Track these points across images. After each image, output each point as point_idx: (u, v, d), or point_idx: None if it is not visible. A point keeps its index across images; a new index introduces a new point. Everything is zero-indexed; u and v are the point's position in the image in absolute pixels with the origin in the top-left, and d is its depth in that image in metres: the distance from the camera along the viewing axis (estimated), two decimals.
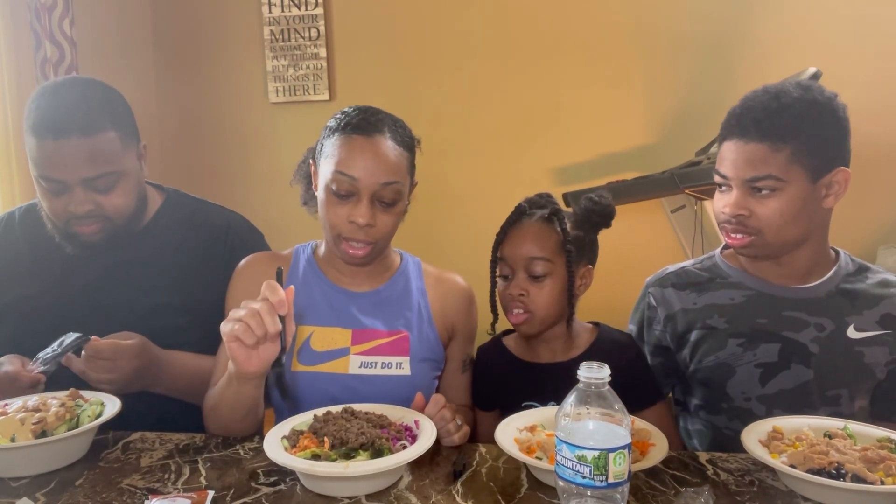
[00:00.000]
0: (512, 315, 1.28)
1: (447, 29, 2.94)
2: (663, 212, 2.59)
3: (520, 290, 1.25)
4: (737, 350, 1.24)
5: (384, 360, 1.27)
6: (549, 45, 2.87)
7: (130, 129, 1.38)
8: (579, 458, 0.82)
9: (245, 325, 1.02)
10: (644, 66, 2.81)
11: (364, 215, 1.20)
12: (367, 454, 0.97)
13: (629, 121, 2.84)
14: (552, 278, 1.25)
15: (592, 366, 0.85)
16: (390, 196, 1.22)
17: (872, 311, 1.23)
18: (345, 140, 1.22)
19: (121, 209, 1.35)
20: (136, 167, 1.39)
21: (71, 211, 1.30)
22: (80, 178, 1.28)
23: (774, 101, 1.17)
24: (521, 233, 1.27)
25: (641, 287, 1.41)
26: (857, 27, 2.62)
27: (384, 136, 1.23)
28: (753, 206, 1.18)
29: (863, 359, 1.21)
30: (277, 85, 3.05)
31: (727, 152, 1.21)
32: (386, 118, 1.27)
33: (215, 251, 1.46)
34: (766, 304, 1.25)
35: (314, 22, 3.01)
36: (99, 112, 1.30)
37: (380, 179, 1.20)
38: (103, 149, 1.29)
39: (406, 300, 1.33)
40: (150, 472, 1.04)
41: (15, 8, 2.33)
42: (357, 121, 1.23)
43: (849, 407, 1.22)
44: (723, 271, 1.32)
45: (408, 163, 1.27)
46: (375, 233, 1.23)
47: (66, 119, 1.26)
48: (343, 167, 1.20)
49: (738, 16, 2.72)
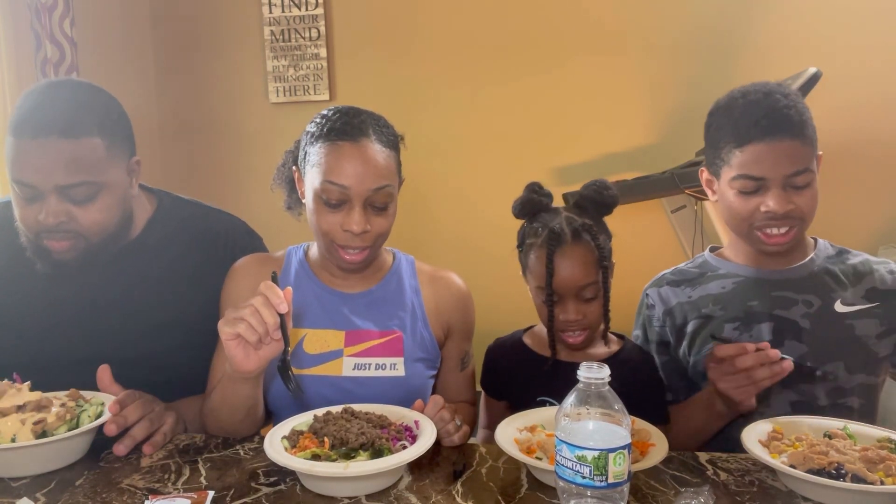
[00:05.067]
0: (571, 337, 1.27)
1: (447, 29, 2.94)
2: (663, 212, 2.59)
3: (577, 316, 1.25)
4: (733, 333, 1.29)
5: (378, 361, 1.26)
6: (550, 45, 2.87)
7: (122, 139, 1.26)
8: (579, 458, 0.82)
9: (246, 322, 1.02)
10: (644, 67, 2.81)
11: (359, 223, 1.19)
12: (367, 454, 0.97)
13: (629, 121, 2.84)
14: (599, 296, 1.27)
15: (592, 366, 0.85)
16: (382, 200, 1.21)
17: (857, 287, 1.28)
18: (330, 148, 1.20)
19: (97, 226, 1.22)
20: (123, 182, 1.26)
21: (41, 221, 1.18)
22: (53, 185, 1.16)
23: (784, 98, 1.21)
24: (564, 262, 1.25)
25: (641, 287, 1.43)
26: (857, 27, 2.62)
27: (370, 140, 1.20)
28: (794, 199, 1.22)
29: (854, 331, 1.25)
30: (278, 85, 3.06)
31: (758, 154, 1.20)
32: (368, 119, 1.24)
33: (213, 261, 1.36)
34: (755, 288, 1.30)
35: (314, 22, 3.01)
36: (85, 115, 1.19)
37: (371, 185, 1.19)
38: (84, 155, 1.17)
39: (399, 300, 1.32)
40: (150, 472, 1.04)
41: (15, 8, 2.33)
42: (340, 125, 1.21)
43: (847, 381, 1.24)
44: (712, 266, 1.37)
45: (395, 163, 1.25)
46: (371, 237, 1.22)
47: (46, 118, 1.15)
48: (332, 176, 1.18)
49: (739, 16, 2.72)
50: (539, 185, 1.33)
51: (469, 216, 2.90)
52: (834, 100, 2.51)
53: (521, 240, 1.33)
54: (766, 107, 1.21)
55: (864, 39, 2.62)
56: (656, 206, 2.61)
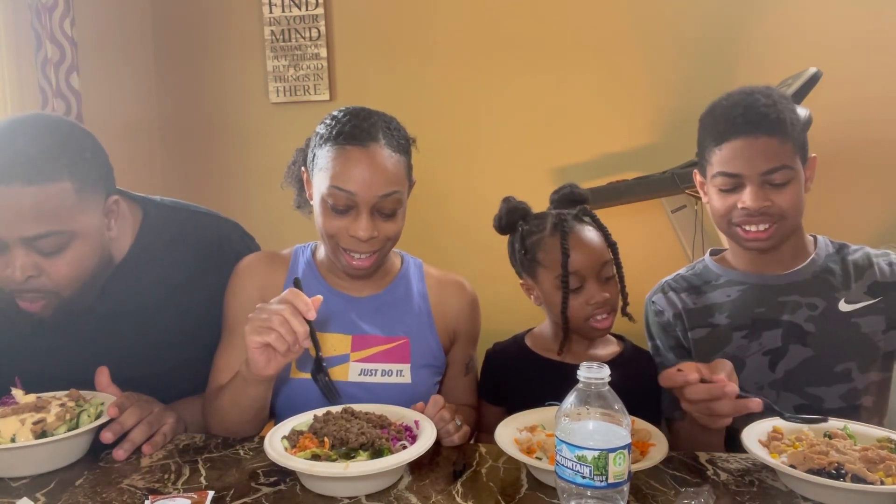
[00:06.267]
0: (598, 321, 1.26)
1: (447, 29, 2.94)
2: (663, 212, 2.59)
3: (603, 296, 1.25)
4: (742, 342, 1.28)
5: (384, 367, 1.25)
6: (550, 45, 2.87)
7: (96, 179, 1.15)
8: (579, 458, 0.82)
9: (276, 333, 1.01)
10: (645, 67, 2.81)
11: (365, 229, 1.17)
12: (367, 454, 0.97)
13: (629, 121, 2.84)
14: (614, 273, 1.29)
15: (592, 366, 0.85)
16: (390, 206, 1.19)
17: (859, 282, 1.27)
18: (338, 152, 1.17)
19: (68, 280, 1.12)
20: (97, 227, 1.15)
21: (9, 276, 1.08)
22: (18, 236, 1.06)
23: (764, 98, 1.23)
24: (580, 242, 1.26)
25: (641, 287, 1.42)
26: (857, 27, 2.62)
27: (379, 145, 1.18)
28: (772, 197, 1.22)
29: (860, 329, 1.25)
30: (278, 85, 3.05)
31: (735, 151, 1.22)
32: (378, 122, 1.21)
33: (208, 267, 1.32)
34: (761, 294, 1.29)
35: (315, 22, 3.01)
36: (53, 157, 1.07)
37: (378, 192, 1.17)
38: (51, 202, 1.07)
39: (407, 305, 1.31)
40: (150, 472, 1.04)
41: (15, 8, 2.33)
42: (349, 128, 1.18)
43: (862, 380, 1.24)
44: (714, 273, 1.36)
45: (405, 167, 1.23)
46: (378, 242, 1.21)
47: (8, 163, 1.05)
48: (339, 182, 1.16)
49: (739, 16, 2.72)
50: (513, 197, 1.36)
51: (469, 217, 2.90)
52: (834, 100, 2.51)
53: (520, 246, 1.32)
54: (744, 105, 1.22)
55: (864, 39, 2.61)
56: (656, 206, 2.61)
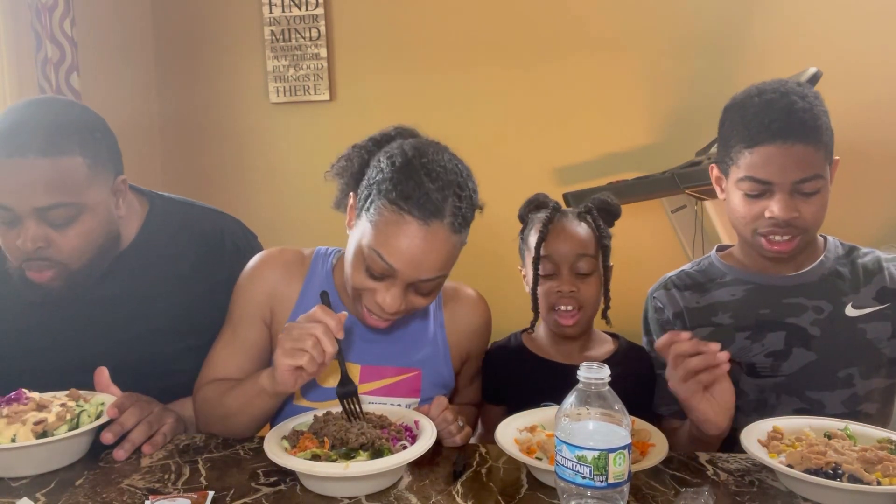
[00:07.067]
0: (561, 315, 1.25)
1: (448, 29, 2.94)
2: (663, 212, 2.59)
3: (570, 287, 1.24)
4: (745, 343, 1.25)
5: (393, 401, 1.20)
6: (550, 45, 2.87)
7: (106, 158, 1.20)
8: (579, 458, 0.82)
9: (309, 355, 0.99)
10: (645, 67, 2.81)
11: (393, 305, 1.07)
12: (367, 454, 0.97)
13: (630, 121, 2.84)
14: (595, 275, 1.26)
15: (592, 366, 0.85)
16: (429, 288, 1.09)
17: (868, 287, 1.24)
18: (395, 217, 1.03)
19: (76, 252, 1.17)
20: (106, 203, 1.21)
21: (19, 247, 1.13)
22: (31, 207, 1.11)
23: (801, 101, 1.17)
24: (564, 231, 1.25)
25: (640, 286, 1.41)
26: (857, 27, 2.62)
27: (443, 224, 1.04)
28: (800, 207, 1.17)
29: (865, 336, 1.22)
30: (278, 85, 3.05)
31: (767, 157, 1.16)
32: (452, 189, 1.05)
33: (212, 262, 1.33)
34: (766, 295, 1.27)
35: (315, 22, 3.01)
36: (66, 132, 1.13)
37: (422, 276, 1.06)
38: (63, 175, 1.12)
39: (422, 334, 1.25)
40: (150, 472, 1.04)
41: (15, 8, 2.33)
42: (418, 195, 1.02)
43: (864, 387, 1.22)
44: (720, 271, 1.33)
45: (461, 245, 1.11)
46: (403, 311, 1.11)
47: (24, 135, 1.10)
48: (384, 250, 1.04)
49: (739, 16, 2.72)
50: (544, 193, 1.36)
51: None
52: (833, 100, 2.49)
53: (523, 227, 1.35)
54: (780, 108, 1.16)
55: (864, 39, 2.61)
56: (656, 206, 2.61)
